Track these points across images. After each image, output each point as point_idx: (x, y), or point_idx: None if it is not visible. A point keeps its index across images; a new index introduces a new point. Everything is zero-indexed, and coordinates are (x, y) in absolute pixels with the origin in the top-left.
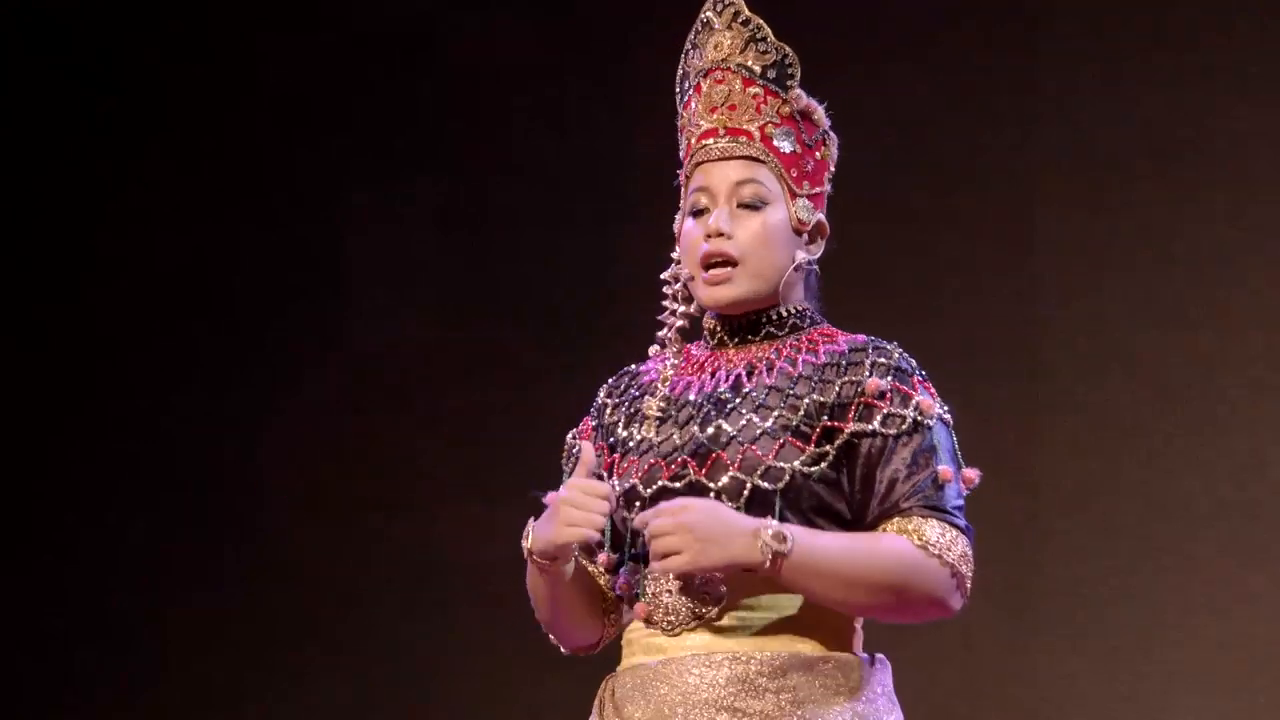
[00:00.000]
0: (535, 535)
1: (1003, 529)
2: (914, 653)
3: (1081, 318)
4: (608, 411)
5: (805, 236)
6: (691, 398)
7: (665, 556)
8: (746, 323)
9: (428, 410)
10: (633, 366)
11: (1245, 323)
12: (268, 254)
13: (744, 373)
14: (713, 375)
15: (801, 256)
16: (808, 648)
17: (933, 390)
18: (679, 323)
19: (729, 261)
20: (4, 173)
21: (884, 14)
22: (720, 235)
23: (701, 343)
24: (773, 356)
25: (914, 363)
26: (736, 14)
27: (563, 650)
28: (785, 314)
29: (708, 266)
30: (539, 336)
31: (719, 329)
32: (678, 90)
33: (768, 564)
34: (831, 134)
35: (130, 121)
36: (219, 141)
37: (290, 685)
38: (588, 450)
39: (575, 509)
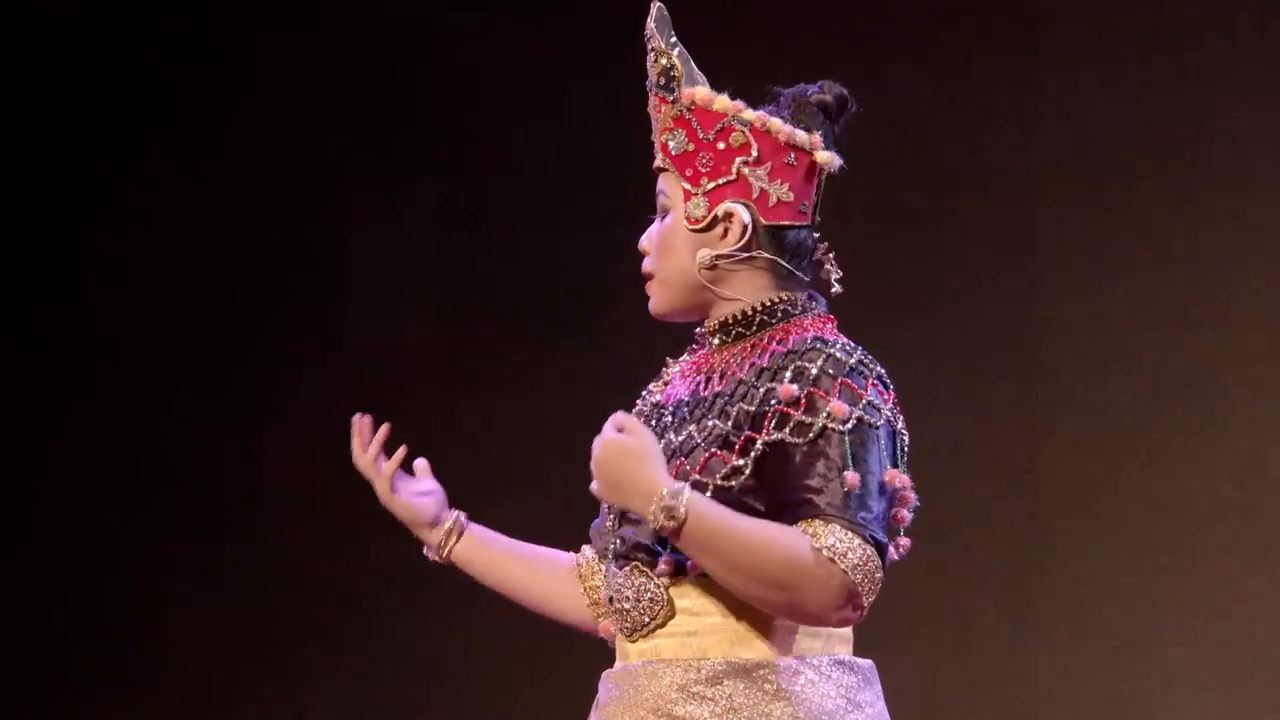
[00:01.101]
0: None
1: (1003, 529)
2: (914, 653)
3: (1081, 318)
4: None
5: (716, 231)
6: (669, 407)
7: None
8: (717, 326)
9: (428, 410)
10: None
11: (1245, 323)
12: (268, 254)
13: (703, 380)
14: (685, 381)
15: (704, 254)
16: (750, 654)
17: (863, 390)
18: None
19: (649, 276)
20: (4, 173)
21: (884, 14)
22: (645, 254)
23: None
24: (730, 360)
25: (850, 362)
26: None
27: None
28: (748, 311)
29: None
30: (539, 336)
31: (700, 335)
32: None
33: (658, 527)
34: (746, 116)
35: (130, 121)
36: (219, 141)
37: (290, 685)
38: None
39: None
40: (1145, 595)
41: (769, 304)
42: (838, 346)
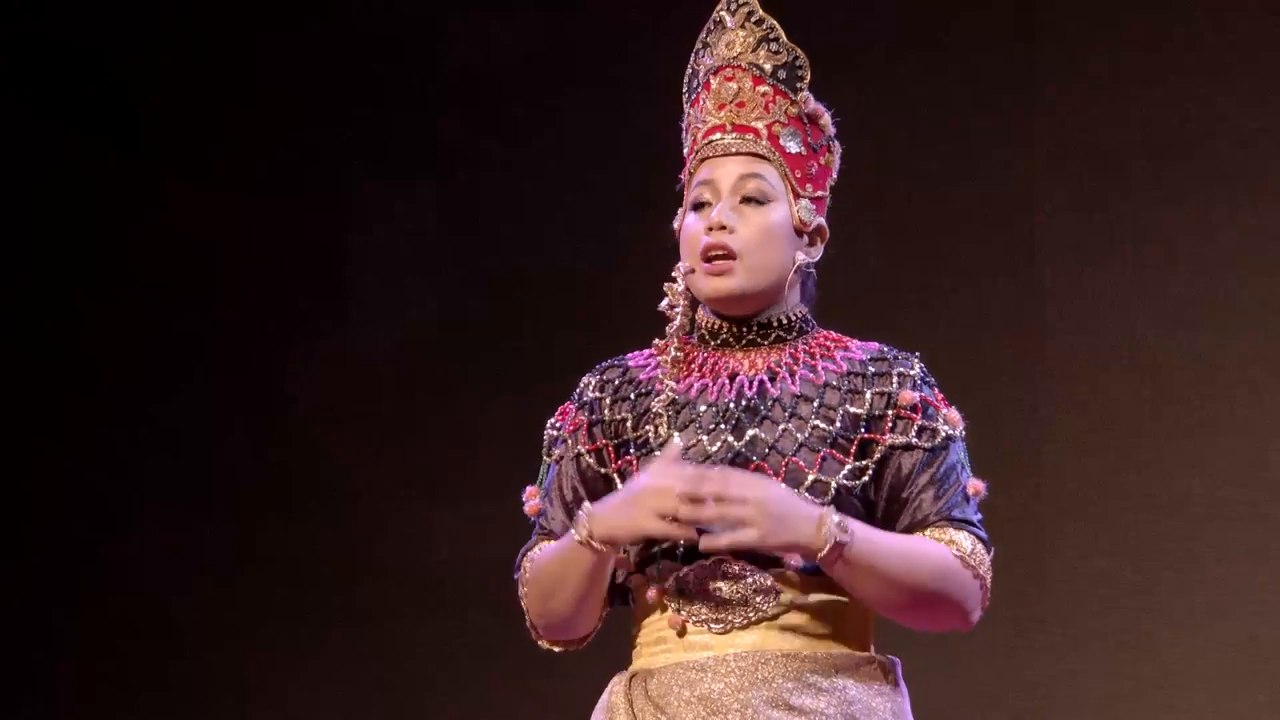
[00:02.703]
0: (601, 520)
1: (1003, 529)
2: (914, 653)
3: (1081, 318)
4: (606, 408)
5: (806, 238)
6: (712, 401)
7: (732, 527)
8: (756, 325)
9: (427, 410)
10: (617, 360)
11: (1245, 323)
12: (267, 254)
13: (766, 378)
14: (732, 380)
15: (801, 258)
16: (855, 648)
17: (947, 402)
18: (679, 319)
19: (729, 255)
20: (1, 173)
21: (883, 13)
22: (722, 228)
23: (696, 339)
24: (789, 362)
25: (928, 373)
26: (750, 13)
27: (544, 644)
28: (792, 317)
29: (708, 259)
30: (540, 337)
31: (723, 330)
32: (685, 89)
33: (827, 551)
34: (836, 142)
35: (129, 121)
36: (219, 141)
37: (290, 685)
38: (676, 445)
39: (666, 499)
40: (1146, 595)
41: (804, 314)
42: (917, 359)
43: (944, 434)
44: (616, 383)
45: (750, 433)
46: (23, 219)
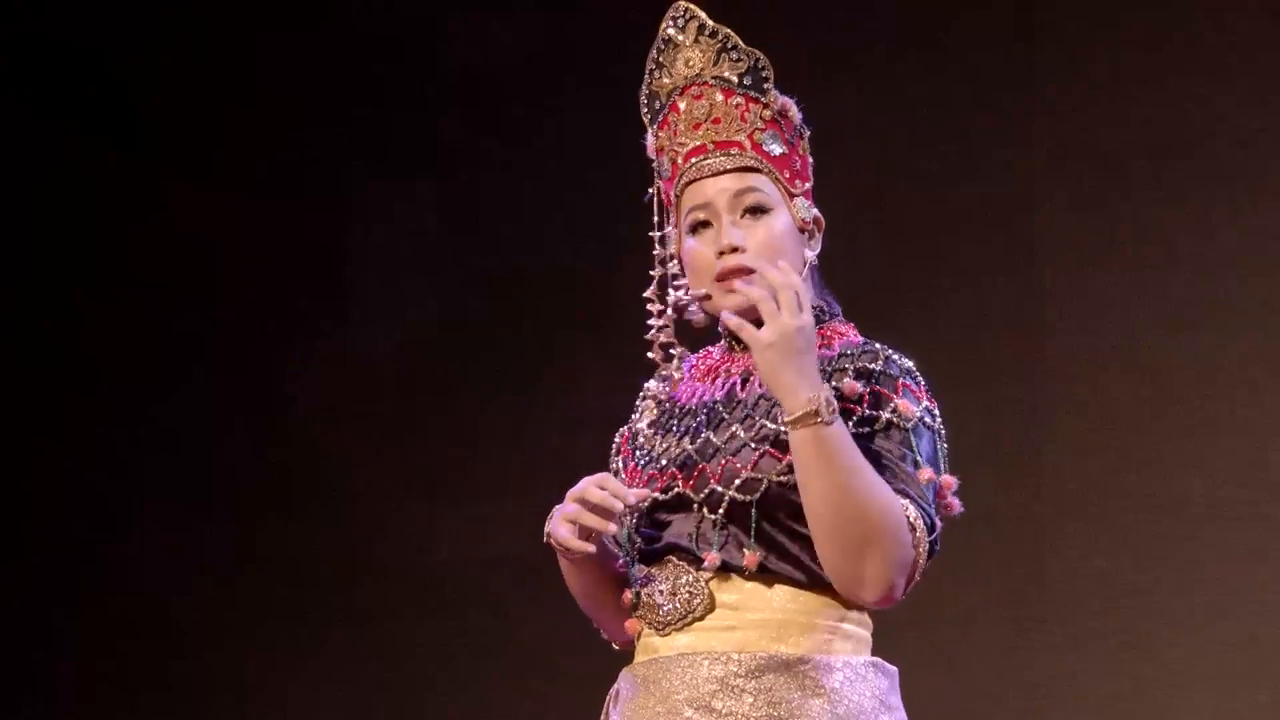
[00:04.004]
0: (551, 522)
1: (1003, 529)
2: (914, 653)
3: (1081, 318)
4: (638, 416)
5: (807, 234)
6: (693, 407)
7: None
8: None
9: (427, 410)
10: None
11: (1245, 323)
12: (267, 254)
13: (739, 380)
14: (713, 383)
15: (809, 255)
16: (789, 649)
17: (921, 394)
18: (662, 338)
19: (746, 272)
20: (1, 173)
21: (883, 13)
22: (734, 250)
23: (722, 344)
24: None
25: (905, 365)
26: (701, 27)
27: (615, 646)
28: None
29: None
30: (540, 337)
31: (729, 334)
32: (646, 110)
33: (797, 415)
34: (804, 127)
35: (129, 122)
36: (219, 141)
37: (290, 685)
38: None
39: (573, 504)
40: (1146, 595)
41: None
42: (891, 351)
43: (885, 419)
44: (655, 390)
45: (704, 435)
46: (23, 219)
